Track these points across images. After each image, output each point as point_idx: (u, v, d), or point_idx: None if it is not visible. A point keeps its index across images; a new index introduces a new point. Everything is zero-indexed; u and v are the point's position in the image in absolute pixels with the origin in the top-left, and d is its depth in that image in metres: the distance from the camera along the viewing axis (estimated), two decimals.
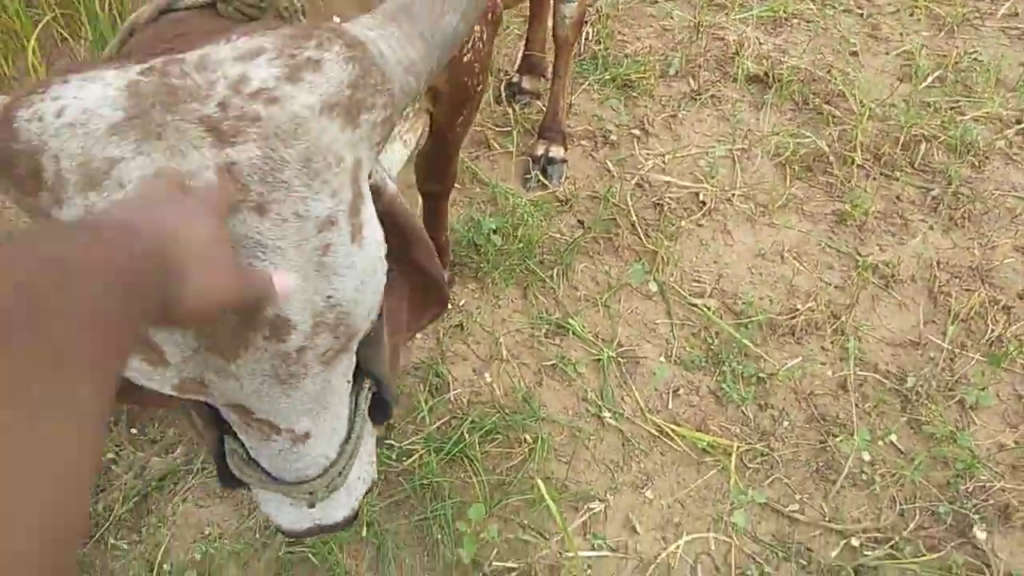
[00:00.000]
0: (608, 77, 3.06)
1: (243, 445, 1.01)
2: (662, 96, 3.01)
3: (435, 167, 1.97)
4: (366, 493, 1.16)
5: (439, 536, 1.86)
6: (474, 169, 2.82)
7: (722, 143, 2.80)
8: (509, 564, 1.83)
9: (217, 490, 2.00)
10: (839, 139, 2.75)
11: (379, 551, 1.87)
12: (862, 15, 3.30)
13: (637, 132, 2.92)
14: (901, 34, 3.19)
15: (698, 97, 2.97)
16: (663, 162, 2.79)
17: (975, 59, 3.08)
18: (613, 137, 2.88)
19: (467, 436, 2.03)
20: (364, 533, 1.86)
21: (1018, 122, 2.83)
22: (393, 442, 2.01)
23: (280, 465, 1.00)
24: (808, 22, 3.27)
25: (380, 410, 1.11)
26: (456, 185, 2.74)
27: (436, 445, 2.01)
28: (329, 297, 0.82)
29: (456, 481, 1.97)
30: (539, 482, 1.86)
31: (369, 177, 0.87)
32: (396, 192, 1.00)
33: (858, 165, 2.65)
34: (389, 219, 0.93)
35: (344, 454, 1.04)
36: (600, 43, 3.15)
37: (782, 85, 2.94)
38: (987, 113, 2.84)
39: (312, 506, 1.07)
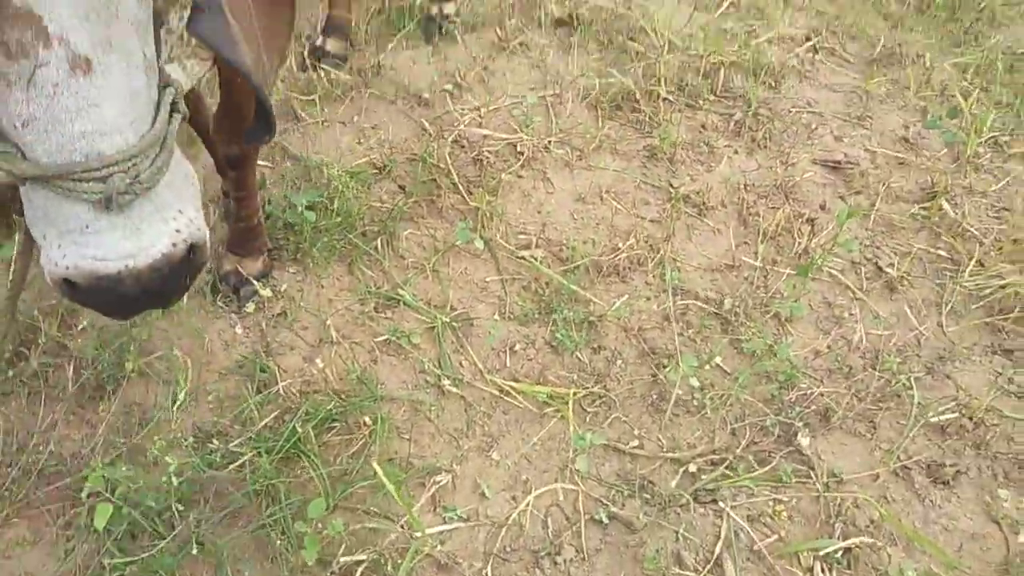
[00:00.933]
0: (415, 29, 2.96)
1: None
2: (472, 49, 2.93)
3: (231, 121, 1.86)
4: (193, 250, 0.95)
5: (279, 542, 1.76)
6: (283, 144, 2.66)
7: (534, 91, 2.77)
8: (358, 557, 1.76)
9: (27, 536, 1.81)
10: (644, 75, 2.78)
11: (217, 569, 1.75)
12: None
13: (450, 88, 2.84)
14: None
15: (506, 46, 2.91)
16: (479, 116, 2.73)
17: None
18: (426, 95, 2.79)
19: (300, 429, 1.92)
20: (195, 551, 1.73)
21: (807, 39, 2.96)
22: (216, 443, 1.88)
23: (57, 119, 0.80)
24: None
25: (260, 124, 1.09)
26: (267, 163, 2.58)
27: (267, 445, 1.89)
28: None
29: (293, 480, 1.87)
30: (376, 467, 1.79)
31: None
32: None
33: (663, 98, 2.69)
34: None
35: (148, 143, 0.88)
36: None
37: (586, 26, 2.93)
38: (779, 34, 2.96)
39: (109, 208, 0.85)
